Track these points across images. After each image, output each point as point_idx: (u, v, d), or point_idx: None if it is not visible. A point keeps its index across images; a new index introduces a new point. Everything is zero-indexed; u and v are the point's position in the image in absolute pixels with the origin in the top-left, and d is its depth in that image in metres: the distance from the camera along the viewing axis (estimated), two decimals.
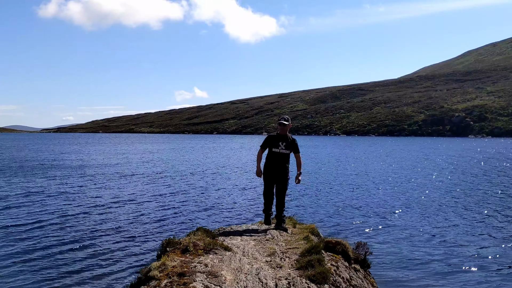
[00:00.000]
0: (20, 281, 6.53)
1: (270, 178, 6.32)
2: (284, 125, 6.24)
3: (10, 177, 19.09)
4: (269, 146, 6.29)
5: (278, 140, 6.27)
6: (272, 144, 6.29)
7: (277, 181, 6.28)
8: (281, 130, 6.30)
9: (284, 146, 6.24)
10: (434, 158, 33.69)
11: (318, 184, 18.24)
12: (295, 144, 6.36)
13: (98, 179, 19.26)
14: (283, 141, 6.26)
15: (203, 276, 3.65)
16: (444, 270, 7.31)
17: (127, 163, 28.73)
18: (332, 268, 4.13)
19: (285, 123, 6.21)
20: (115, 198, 14.02)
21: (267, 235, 5.61)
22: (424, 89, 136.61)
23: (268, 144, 6.31)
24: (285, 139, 6.28)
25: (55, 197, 13.88)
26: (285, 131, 6.27)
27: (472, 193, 15.73)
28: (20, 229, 9.51)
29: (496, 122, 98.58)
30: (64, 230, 9.56)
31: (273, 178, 6.29)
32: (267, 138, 6.37)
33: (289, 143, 6.31)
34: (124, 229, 9.75)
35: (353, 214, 11.78)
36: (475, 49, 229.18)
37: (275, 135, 6.38)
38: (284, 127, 6.25)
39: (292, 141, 6.32)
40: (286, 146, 6.26)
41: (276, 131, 6.50)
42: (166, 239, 4.74)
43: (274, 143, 6.28)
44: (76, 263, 7.36)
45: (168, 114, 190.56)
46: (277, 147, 6.24)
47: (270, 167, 6.31)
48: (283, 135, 6.31)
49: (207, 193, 15.46)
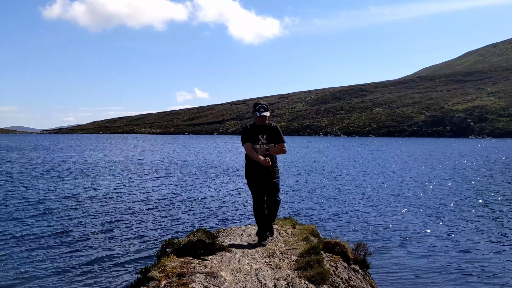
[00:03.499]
0: (20, 281, 6.54)
1: (257, 185, 5.05)
2: (264, 117, 4.94)
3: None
4: (249, 141, 4.95)
5: (257, 133, 4.97)
6: (249, 139, 4.95)
7: (266, 187, 5.04)
8: (260, 122, 4.99)
9: (266, 139, 4.96)
10: (460, 159, 33.69)
11: (318, 184, 18.25)
12: (279, 133, 5.01)
13: (98, 179, 19.28)
14: (263, 133, 4.97)
15: (203, 276, 3.66)
16: (444, 270, 7.31)
17: (128, 163, 28.75)
18: (331, 269, 4.14)
19: (266, 114, 4.92)
20: (114, 198, 14.03)
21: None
22: (425, 90, 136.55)
23: (249, 139, 4.96)
24: (265, 130, 4.98)
25: (54, 198, 13.90)
26: (264, 121, 4.99)
27: (482, 196, 15.72)
28: (20, 229, 9.54)
29: (497, 123, 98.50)
30: (63, 230, 9.57)
31: (261, 184, 5.03)
32: (243, 132, 5.02)
33: (271, 133, 4.98)
34: (123, 230, 9.76)
35: (353, 215, 11.79)
36: (476, 49, 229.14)
37: (251, 127, 5.03)
38: (264, 119, 4.96)
39: (273, 130, 5.00)
40: (269, 139, 4.97)
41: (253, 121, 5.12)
42: (165, 240, 4.75)
43: (252, 138, 4.95)
44: (76, 263, 7.37)
45: (169, 115, 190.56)
46: (257, 142, 4.95)
47: (254, 171, 5.01)
48: (262, 126, 5.00)
49: (207, 193, 15.46)
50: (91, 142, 74.31)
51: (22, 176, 20.01)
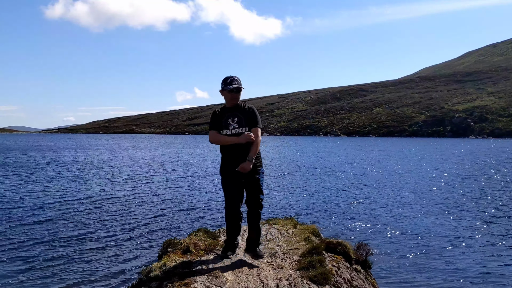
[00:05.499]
0: (19, 280, 6.53)
1: (231, 179, 4.02)
2: (238, 91, 4.00)
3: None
4: (215, 128, 4.04)
5: (227, 116, 4.02)
6: (216, 126, 4.04)
7: (244, 181, 4.04)
8: (232, 100, 4.02)
9: (237, 122, 3.99)
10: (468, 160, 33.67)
11: (319, 184, 18.23)
12: (254, 115, 4.04)
13: (98, 179, 19.28)
14: (233, 116, 4.01)
15: (204, 277, 3.65)
16: (445, 271, 7.30)
17: (128, 164, 28.74)
18: (333, 269, 4.13)
19: (240, 87, 3.98)
20: (115, 198, 14.03)
21: (268, 235, 5.60)
22: (425, 90, 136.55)
23: (215, 126, 4.05)
24: (237, 111, 4.04)
25: (53, 197, 13.89)
26: (237, 100, 4.05)
27: (487, 196, 15.71)
28: (19, 228, 9.53)
29: (497, 123, 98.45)
30: (64, 229, 9.57)
31: (236, 178, 3.99)
32: (212, 117, 4.12)
33: (245, 115, 4.01)
34: (125, 230, 9.76)
35: (354, 215, 11.78)
36: (476, 49, 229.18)
37: (220, 111, 4.11)
38: (237, 95, 4.02)
39: (248, 111, 4.04)
40: (241, 122, 3.99)
41: (224, 104, 4.18)
42: (167, 240, 4.75)
43: (222, 123, 4.03)
44: (77, 263, 7.37)
45: (169, 115, 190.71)
46: (227, 127, 4.00)
47: (229, 163, 3.99)
48: (234, 107, 4.06)
49: (208, 193, 15.45)
50: (97, 141, 74.33)
51: (32, 176, 20.01)
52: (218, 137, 3.99)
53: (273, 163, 28.14)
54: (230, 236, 4.23)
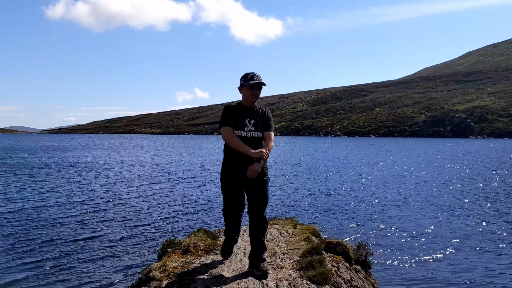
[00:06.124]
0: (19, 280, 6.53)
1: (234, 184, 3.71)
2: (259, 87, 3.71)
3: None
4: (231, 125, 3.65)
5: (245, 116, 3.68)
6: (232, 122, 3.65)
7: (248, 189, 3.71)
8: (252, 97, 3.72)
9: (254, 125, 3.68)
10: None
11: (319, 185, 18.23)
12: (270, 120, 3.80)
13: (98, 180, 19.28)
14: (251, 117, 3.69)
15: (204, 277, 3.65)
16: (446, 271, 7.30)
17: (128, 164, 28.74)
18: (333, 269, 4.12)
19: (261, 83, 3.69)
20: (115, 198, 14.02)
21: (267, 235, 5.60)
22: (425, 90, 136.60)
23: (230, 122, 3.66)
24: (254, 112, 3.73)
25: (53, 197, 13.89)
26: (257, 97, 3.76)
27: (491, 196, 15.70)
28: (20, 228, 9.53)
29: (497, 123, 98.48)
30: (64, 229, 9.57)
31: (239, 184, 3.69)
32: (224, 111, 3.72)
33: (262, 118, 3.74)
34: (124, 230, 9.75)
35: (354, 215, 11.77)
36: (476, 50, 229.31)
37: (237, 106, 3.74)
38: (258, 92, 3.72)
39: (265, 115, 3.77)
40: (257, 125, 3.69)
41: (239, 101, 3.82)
42: (166, 240, 4.74)
43: (238, 121, 3.67)
44: (76, 263, 7.37)
45: (169, 115, 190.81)
46: (242, 128, 3.65)
47: (234, 166, 3.67)
48: (251, 106, 3.75)
49: (208, 194, 15.45)
50: (99, 142, 74.33)
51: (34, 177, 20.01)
52: (234, 138, 3.60)
53: (273, 163, 28.16)
54: (228, 238, 4.16)
